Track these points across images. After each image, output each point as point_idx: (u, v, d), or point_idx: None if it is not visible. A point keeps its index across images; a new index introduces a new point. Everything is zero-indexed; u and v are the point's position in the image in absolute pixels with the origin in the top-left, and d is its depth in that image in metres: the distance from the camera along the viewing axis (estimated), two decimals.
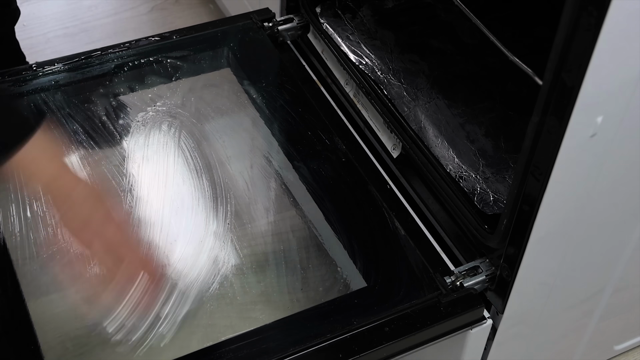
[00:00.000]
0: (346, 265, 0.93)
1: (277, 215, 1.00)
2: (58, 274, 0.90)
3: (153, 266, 0.89)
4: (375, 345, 0.83)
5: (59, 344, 0.85)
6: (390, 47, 1.15)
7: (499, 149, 1.01)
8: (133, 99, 1.10)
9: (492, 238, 0.87)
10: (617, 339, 1.19)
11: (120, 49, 1.13)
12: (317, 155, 1.03)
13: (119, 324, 0.86)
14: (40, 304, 0.87)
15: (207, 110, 1.11)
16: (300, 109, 1.09)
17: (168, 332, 0.85)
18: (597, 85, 0.68)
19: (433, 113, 1.06)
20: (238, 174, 1.04)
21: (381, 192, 0.99)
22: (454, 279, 0.89)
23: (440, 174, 0.96)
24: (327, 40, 1.14)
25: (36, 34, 1.80)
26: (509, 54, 0.94)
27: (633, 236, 0.93)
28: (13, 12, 1.42)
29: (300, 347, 0.82)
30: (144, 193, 1.00)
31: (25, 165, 0.84)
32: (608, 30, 0.63)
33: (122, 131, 1.06)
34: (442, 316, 0.86)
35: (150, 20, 1.85)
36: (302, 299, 0.91)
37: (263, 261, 0.94)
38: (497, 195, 0.95)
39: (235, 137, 1.08)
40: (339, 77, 1.14)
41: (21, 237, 0.93)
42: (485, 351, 0.95)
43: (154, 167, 1.03)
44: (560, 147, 0.72)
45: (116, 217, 0.89)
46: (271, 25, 1.19)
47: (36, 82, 1.08)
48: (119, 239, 0.87)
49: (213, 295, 0.89)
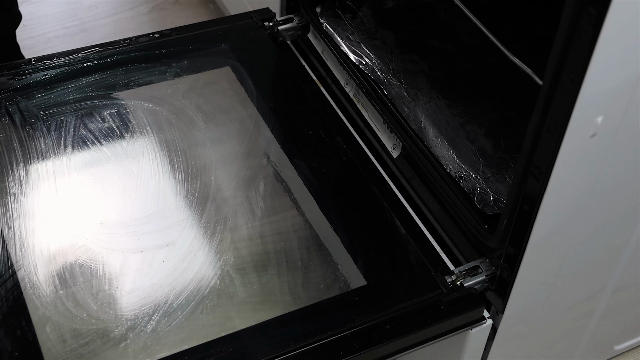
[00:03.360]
0: (347, 264, 0.93)
1: (278, 214, 1.00)
2: (58, 272, 0.90)
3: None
4: (376, 343, 0.83)
5: (59, 343, 0.85)
6: (390, 47, 1.15)
7: (499, 149, 1.02)
8: (132, 96, 1.10)
9: (492, 238, 0.87)
10: (617, 339, 1.19)
11: (120, 46, 1.13)
12: (317, 155, 1.03)
13: (119, 322, 0.86)
14: (40, 304, 0.87)
15: (207, 108, 1.11)
16: (300, 109, 1.09)
17: (168, 328, 0.85)
18: (597, 85, 0.68)
19: (433, 113, 1.06)
20: (238, 172, 1.04)
21: (381, 192, 1.00)
22: (454, 278, 0.89)
23: (440, 174, 0.96)
24: (327, 40, 1.14)
25: (36, 34, 1.80)
26: (509, 54, 0.94)
27: (633, 236, 0.93)
28: (14, 16, 1.42)
29: (301, 344, 0.82)
30: (142, 191, 1.00)
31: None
32: (608, 30, 0.63)
33: (121, 129, 1.06)
34: (443, 315, 0.86)
35: (150, 20, 1.85)
36: (303, 297, 0.91)
37: (264, 260, 0.94)
38: (497, 195, 0.95)
39: (235, 136, 1.08)
40: (339, 77, 1.14)
41: (21, 237, 0.93)
42: (485, 351, 0.95)
43: (153, 165, 1.03)
44: (560, 147, 0.72)
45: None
46: (271, 25, 1.19)
47: (34, 77, 1.08)
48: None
49: (213, 292, 0.90)
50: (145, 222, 0.96)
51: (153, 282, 0.90)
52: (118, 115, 1.08)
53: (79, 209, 0.97)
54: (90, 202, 0.98)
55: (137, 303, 0.88)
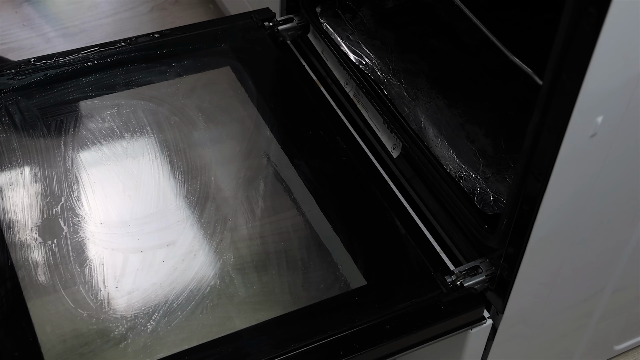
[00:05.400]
0: (347, 263, 0.93)
1: (278, 214, 1.00)
2: (58, 272, 0.90)
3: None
4: (376, 343, 0.83)
5: (59, 343, 0.85)
6: (390, 47, 1.15)
7: (499, 149, 1.02)
8: (132, 96, 1.10)
9: (492, 238, 0.87)
10: (617, 339, 1.19)
11: (120, 46, 1.13)
12: (317, 155, 1.03)
13: (119, 322, 0.86)
14: (40, 304, 0.87)
15: (207, 107, 1.11)
16: (300, 109, 1.09)
17: (168, 329, 0.86)
18: (597, 85, 0.68)
19: (433, 113, 1.06)
20: (238, 172, 1.04)
21: (381, 192, 1.00)
22: (454, 278, 0.89)
23: (440, 174, 0.96)
24: (327, 40, 1.14)
25: (36, 34, 1.79)
26: (509, 54, 0.94)
27: (633, 236, 0.93)
28: None
29: (300, 344, 0.82)
30: (142, 191, 1.00)
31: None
32: (608, 30, 0.63)
33: (121, 129, 1.06)
34: (443, 315, 0.86)
35: (150, 20, 1.85)
36: (303, 296, 0.91)
37: (264, 260, 0.94)
38: (497, 195, 0.95)
39: (235, 136, 1.08)
40: (339, 77, 1.14)
41: (20, 236, 0.93)
42: (485, 351, 0.95)
43: (153, 165, 1.03)
44: (560, 147, 0.72)
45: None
46: (271, 25, 1.19)
47: (34, 77, 1.08)
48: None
49: (214, 292, 0.90)
50: (146, 222, 0.97)
51: (153, 282, 0.90)
52: (118, 115, 1.08)
53: (79, 208, 0.97)
54: (90, 202, 0.98)
55: (137, 303, 0.88)
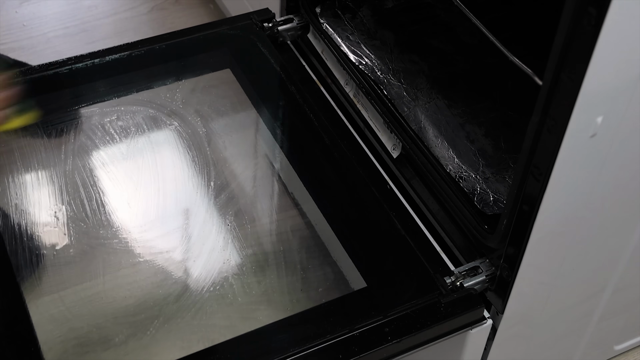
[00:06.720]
0: (346, 265, 0.93)
1: (277, 215, 1.00)
2: (58, 274, 0.90)
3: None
4: (375, 345, 0.83)
5: (59, 344, 0.85)
6: (390, 47, 1.15)
7: (499, 149, 1.01)
8: (133, 100, 1.10)
9: (492, 238, 0.87)
10: (617, 339, 1.19)
11: (120, 51, 1.13)
12: (317, 155, 1.03)
13: (119, 324, 0.86)
14: (40, 304, 0.87)
15: (207, 110, 1.11)
16: (300, 109, 1.09)
17: (169, 332, 0.85)
18: (597, 85, 0.68)
19: (433, 113, 1.06)
20: (238, 174, 1.04)
21: (381, 192, 0.99)
22: (454, 279, 0.89)
23: (440, 174, 0.96)
24: (327, 40, 1.14)
25: (36, 34, 1.79)
26: (509, 54, 0.94)
27: (633, 236, 0.93)
28: None
29: (300, 347, 0.81)
30: (143, 194, 1.00)
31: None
32: (608, 30, 0.63)
33: (122, 133, 1.06)
34: (442, 316, 0.86)
35: (150, 20, 1.85)
36: (302, 299, 0.91)
37: (263, 261, 0.94)
38: (497, 195, 0.95)
39: (235, 138, 1.08)
40: (339, 77, 1.14)
41: (20, 237, 0.93)
42: (485, 351, 0.95)
43: (153, 168, 1.03)
44: (560, 147, 0.72)
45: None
46: (271, 25, 1.19)
47: (34, 82, 1.08)
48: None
49: (213, 296, 0.90)
50: (145, 228, 0.97)
51: (152, 287, 0.90)
52: (117, 120, 1.08)
53: (78, 213, 0.97)
54: (89, 207, 0.98)
55: (137, 306, 0.88)
